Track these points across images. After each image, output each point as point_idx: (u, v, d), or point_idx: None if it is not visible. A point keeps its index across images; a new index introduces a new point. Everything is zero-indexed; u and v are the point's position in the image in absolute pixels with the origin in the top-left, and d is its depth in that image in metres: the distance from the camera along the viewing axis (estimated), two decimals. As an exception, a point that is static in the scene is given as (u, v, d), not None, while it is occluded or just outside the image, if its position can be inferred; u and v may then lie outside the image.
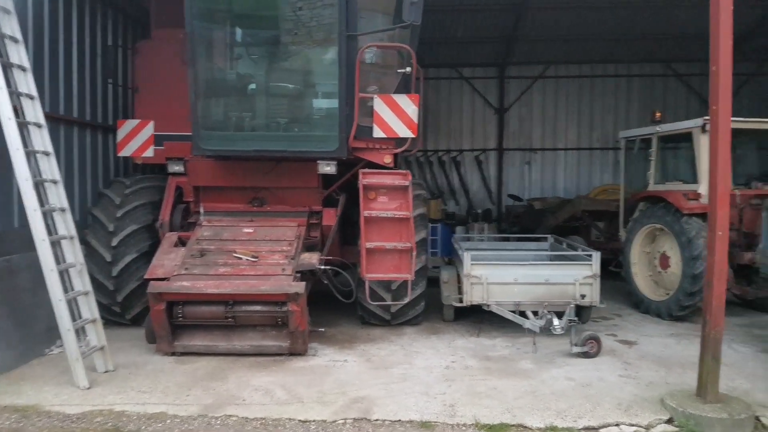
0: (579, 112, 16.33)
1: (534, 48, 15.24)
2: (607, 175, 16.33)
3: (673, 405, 4.80)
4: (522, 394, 5.29)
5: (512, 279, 6.88)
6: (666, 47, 15.30)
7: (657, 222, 8.30)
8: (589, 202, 11.12)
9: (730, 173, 4.79)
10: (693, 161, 8.26)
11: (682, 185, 8.38)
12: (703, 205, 7.81)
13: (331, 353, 6.54)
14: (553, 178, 16.44)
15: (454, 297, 7.50)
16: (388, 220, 6.58)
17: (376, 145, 6.81)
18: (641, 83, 16.26)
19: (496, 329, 7.45)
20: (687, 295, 7.70)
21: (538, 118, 16.37)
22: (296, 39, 6.44)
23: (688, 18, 13.78)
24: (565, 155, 16.42)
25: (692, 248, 7.62)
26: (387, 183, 6.60)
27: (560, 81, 16.27)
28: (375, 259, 6.56)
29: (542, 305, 6.80)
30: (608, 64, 16.11)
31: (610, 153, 16.39)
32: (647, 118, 16.10)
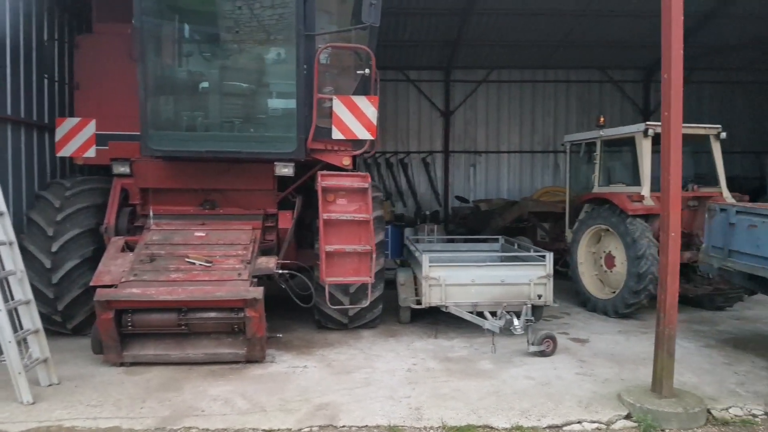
0: (521, 116, 16.78)
1: (478, 52, 15.53)
2: (548, 178, 16.85)
3: (631, 401, 4.97)
4: (485, 394, 5.34)
5: (470, 280, 6.95)
6: (602, 54, 15.94)
7: (603, 223, 8.60)
8: (535, 203, 11.42)
9: (681, 176, 4.99)
10: (635, 165, 8.61)
11: (625, 188, 8.72)
12: (646, 206, 8.17)
13: (290, 359, 6.39)
14: (497, 180, 16.80)
15: (411, 299, 7.50)
16: (347, 222, 6.51)
17: (335, 147, 6.72)
18: (579, 89, 16.87)
19: (453, 330, 7.51)
20: (632, 293, 8.01)
21: (482, 122, 16.69)
22: (253, 37, 6.27)
23: (623, 27, 14.42)
24: (508, 158, 16.82)
25: (637, 248, 7.93)
26: (346, 185, 6.52)
27: (503, 85, 16.65)
28: (334, 263, 6.46)
29: (499, 305, 6.91)
30: (548, 69, 16.63)
31: (551, 156, 16.94)
32: (585, 122, 16.79)
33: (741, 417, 4.87)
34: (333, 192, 6.51)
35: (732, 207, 6.14)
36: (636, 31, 14.56)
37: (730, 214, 6.09)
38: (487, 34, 14.62)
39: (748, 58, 15.78)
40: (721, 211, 6.27)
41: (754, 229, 5.77)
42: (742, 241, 5.94)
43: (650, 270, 7.89)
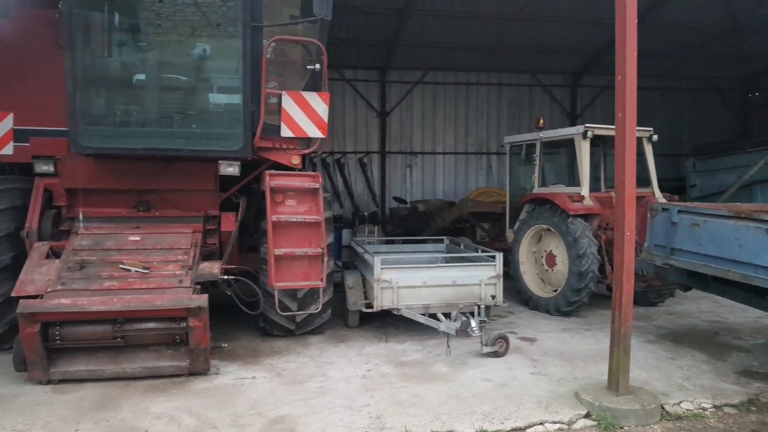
0: (456, 118, 16.97)
1: (414, 53, 15.55)
2: (481, 179, 17.14)
3: (589, 399, 5.01)
4: (445, 399, 5.23)
5: (421, 282, 6.84)
6: (533, 59, 16.40)
7: (544, 223, 8.75)
8: (475, 204, 11.53)
9: (635, 177, 5.08)
10: (574, 166, 8.83)
11: (564, 188, 8.92)
12: (586, 206, 8.38)
13: (236, 370, 6.04)
14: (433, 181, 16.91)
15: (361, 302, 7.31)
16: (297, 224, 6.22)
17: (283, 145, 6.42)
18: (511, 92, 17.28)
19: (403, 333, 7.38)
20: (574, 291, 8.19)
21: (418, 123, 16.74)
22: (195, 26, 5.86)
23: (552, 33, 14.88)
24: (443, 159, 16.97)
25: (578, 247, 8.12)
26: (296, 185, 6.23)
27: (438, 87, 16.78)
28: (283, 267, 6.16)
29: (450, 307, 6.85)
30: (482, 72, 16.92)
31: (484, 157, 17.25)
32: (516, 124, 17.21)
33: (692, 411, 5.02)
34: (282, 192, 6.21)
35: (674, 207, 6.37)
36: (564, 37, 15.08)
37: (673, 214, 6.31)
38: (424, 36, 14.67)
39: (667, 66, 16.71)
40: (663, 211, 6.49)
41: (696, 227, 5.99)
42: (684, 239, 6.16)
43: (591, 268, 8.10)
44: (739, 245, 5.46)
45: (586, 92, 17.60)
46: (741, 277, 5.47)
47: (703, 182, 13.88)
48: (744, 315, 8.42)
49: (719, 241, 5.71)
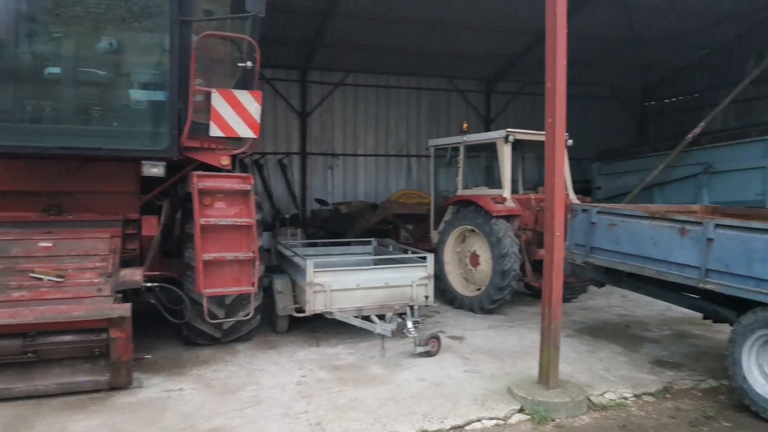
0: (377, 120, 17.08)
1: (336, 55, 15.49)
2: (402, 181, 17.36)
3: (522, 394, 5.19)
4: (384, 401, 5.23)
5: (354, 284, 6.81)
6: (450, 65, 16.82)
7: (468, 224, 8.98)
8: (399, 206, 11.64)
9: (563, 180, 5.32)
10: (497, 168, 9.13)
11: (487, 190, 9.20)
12: (508, 208, 8.69)
13: (161, 382, 5.72)
14: (354, 183, 16.91)
15: (291, 307, 7.16)
16: (227, 228, 6.00)
17: (212, 145, 6.16)
18: (429, 96, 17.62)
19: (334, 336, 7.31)
20: (497, 289, 8.46)
21: (339, 124, 16.70)
22: (119, 17, 5.48)
23: (468, 40, 15.33)
24: (365, 161, 17.02)
25: (501, 247, 8.39)
26: (226, 187, 6.00)
27: (359, 89, 16.82)
28: (212, 272, 5.92)
29: (383, 308, 6.87)
30: (402, 76, 17.14)
31: (405, 160, 17.48)
32: (435, 128, 17.57)
33: (615, 401, 5.32)
34: (210, 195, 5.96)
35: (593, 208, 6.73)
36: (480, 44, 15.58)
37: (592, 214, 6.67)
38: (345, 38, 14.65)
39: (574, 74, 17.65)
40: (583, 212, 6.84)
41: (614, 227, 6.37)
42: (602, 238, 6.53)
43: (513, 267, 8.41)
44: (654, 243, 5.86)
45: (500, 98, 18.27)
46: (655, 273, 5.88)
47: (607, 184, 14.81)
48: (649, 308, 9.05)
49: (635, 240, 6.10)
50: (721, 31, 16.05)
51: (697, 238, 5.41)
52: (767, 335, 4.84)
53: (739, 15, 14.80)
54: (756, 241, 4.83)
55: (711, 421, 4.90)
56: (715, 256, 5.21)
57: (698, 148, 11.87)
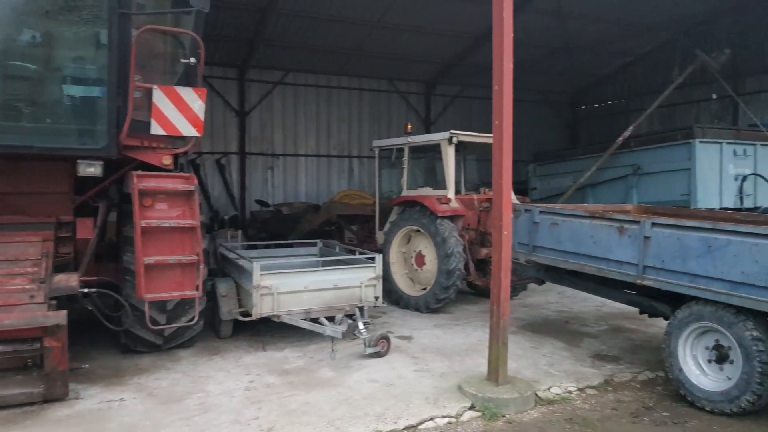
0: (318, 120, 16.96)
1: (275, 53, 15.27)
2: (344, 182, 17.30)
3: (472, 392, 5.27)
4: (336, 404, 5.18)
5: (303, 286, 6.70)
6: (390, 66, 16.94)
7: (414, 224, 9.05)
8: (343, 206, 11.58)
9: (511, 180, 5.44)
10: (441, 169, 9.25)
11: (432, 191, 9.31)
12: (452, 208, 8.82)
13: (99, 393, 5.44)
14: (295, 184, 16.72)
15: (236, 311, 6.98)
16: (169, 230, 5.76)
17: (153, 144, 5.90)
18: (370, 97, 17.67)
19: (280, 340, 7.18)
20: (443, 288, 8.57)
21: (279, 124, 16.46)
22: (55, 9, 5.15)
23: (408, 42, 15.49)
24: (306, 161, 16.86)
25: (446, 246, 8.51)
26: (168, 188, 5.76)
27: (299, 89, 16.64)
28: (154, 276, 5.67)
29: (332, 310, 6.81)
30: (342, 76, 17.09)
31: (346, 160, 17.43)
32: (376, 129, 17.65)
33: (561, 395, 5.49)
34: (151, 195, 5.71)
35: (536, 208, 6.93)
36: (419, 46, 15.75)
37: (535, 214, 6.86)
38: (286, 36, 14.46)
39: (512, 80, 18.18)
40: (526, 212, 7.03)
41: (556, 227, 6.58)
42: (545, 237, 6.73)
43: (458, 266, 8.54)
44: (594, 242, 6.10)
45: (439, 101, 18.55)
46: (596, 271, 6.11)
47: (542, 185, 15.30)
48: (585, 305, 9.42)
49: (577, 239, 6.32)
50: (646, 40, 16.95)
51: (634, 237, 5.67)
52: (701, 328, 5.12)
53: (661, 25, 15.67)
54: (690, 238, 5.11)
55: (651, 411, 5.14)
56: (652, 253, 5.48)
57: (627, 150, 12.45)
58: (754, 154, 11.59)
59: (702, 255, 5.02)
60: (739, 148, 11.43)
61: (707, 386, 5.04)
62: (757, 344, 4.64)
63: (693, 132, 11.09)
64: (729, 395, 4.82)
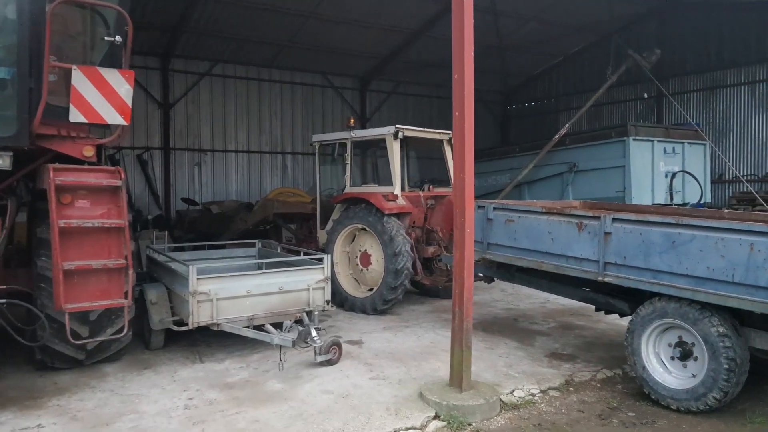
0: (248, 115, 16.20)
1: (202, 42, 14.43)
2: (276, 179, 16.63)
3: (435, 399, 4.94)
4: (290, 420, 4.71)
5: (245, 291, 6.15)
6: (324, 60, 16.44)
7: (359, 222, 8.65)
8: (281, 204, 10.98)
9: (473, 174, 5.16)
10: (387, 165, 8.90)
11: (377, 187, 8.94)
12: (399, 205, 8.50)
13: (12, 419, 4.70)
14: (224, 181, 15.90)
15: (168, 320, 6.32)
16: (92, 231, 5.07)
17: (72, 133, 5.17)
18: (304, 92, 17.08)
19: (219, 350, 6.59)
20: (390, 289, 8.23)
21: (206, 118, 15.59)
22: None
23: (343, 35, 15.07)
24: (236, 157, 16.06)
25: (394, 245, 8.17)
26: (91, 182, 5.06)
27: (228, 81, 15.83)
28: (75, 284, 4.97)
29: (277, 316, 6.30)
30: (274, 69, 16.42)
31: (278, 157, 16.77)
32: (309, 125, 17.09)
33: (524, 398, 5.27)
34: (71, 192, 4.99)
35: (489, 204, 6.71)
36: (354, 40, 15.37)
37: (488, 211, 6.64)
38: (214, 24, 13.69)
39: (442, 77, 18.14)
40: (480, 208, 6.79)
41: (511, 223, 6.38)
42: (499, 234, 6.52)
43: (406, 266, 8.23)
44: (552, 239, 5.93)
45: (375, 97, 18.23)
46: (554, 268, 5.96)
47: (478, 183, 15.22)
48: (530, 302, 9.37)
49: (533, 236, 6.14)
50: (575, 41, 17.37)
51: (594, 233, 5.54)
52: (664, 325, 5.05)
53: (590, 26, 16.08)
54: (653, 234, 5.02)
55: (616, 412, 5.01)
56: (613, 249, 5.36)
57: (564, 148, 12.62)
58: (683, 152, 12.04)
59: (666, 251, 4.93)
60: (669, 146, 11.83)
61: (672, 384, 4.97)
62: (724, 340, 4.59)
63: (627, 130, 11.36)
64: (695, 393, 4.76)
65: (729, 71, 14.52)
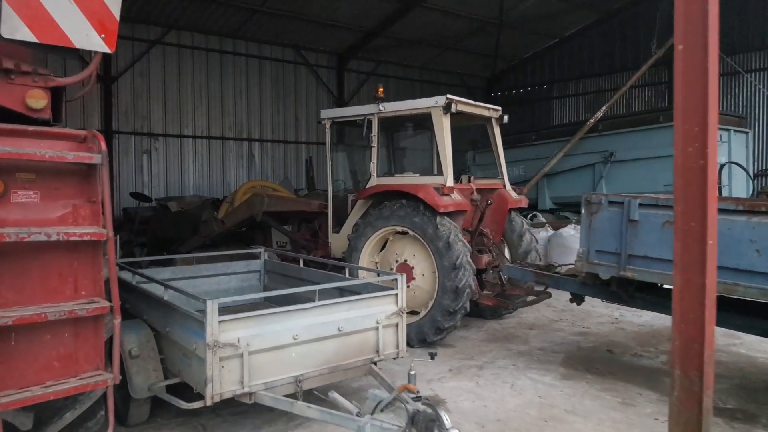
0: (209, 93, 13.59)
1: (152, 4, 11.70)
2: (242, 170, 14.12)
3: None
4: None
5: (291, 338, 3.86)
6: (298, 31, 14.07)
7: (399, 223, 6.49)
8: (274, 201, 8.57)
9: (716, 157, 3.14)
10: (431, 149, 6.81)
11: (420, 178, 6.81)
12: (456, 201, 6.41)
13: None
14: (180, 172, 13.23)
15: (161, 384, 3.94)
16: (45, 248, 2.69)
17: (6, 64, 2.73)
18: (274, 68, 14.62)
19: (235, 425, 4.27)
20: (447, 314, 6.14)
21: (158, 95, 12.87)
22: None
23: (324, 4, 12.76)
24: (194, 144, 13.41)
25: (452, 254, 6.10)
26: (43, 158, 2.66)
27: (185, 52, 13.16)
28: (11, 353, 2.58)
29: (336, 374, 4.06)
30: (239, 40, 13.87)
31: (244, 144, 14.23)
32: (281, 107, 14.63)
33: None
34: (3, 175, 2.60)
35: (632, 199, 4.71)
36: (335, 8, 13.07)
37: (632, 209, 4.65)
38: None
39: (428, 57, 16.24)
40: (612, 205, 4.81)
41: (676, 227, 4.40)
42: (652, 243, 4.54)
43: (469, 282, 6.18)
44: (758, 249, 4.02)
45: (353, 78, 15.99)
46: (761, 294, 4.04)
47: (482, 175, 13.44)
48: (596, 320, 7.52)
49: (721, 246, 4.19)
50: (575, 19, 15.84)
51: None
52: None
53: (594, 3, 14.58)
54: None
55: None
56: None
57: (596, 135, 10.92)
58: (729, 141, 10.59)
59: None
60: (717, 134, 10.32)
61: None
62: None
63: (679, 113, 9.73)
64: None
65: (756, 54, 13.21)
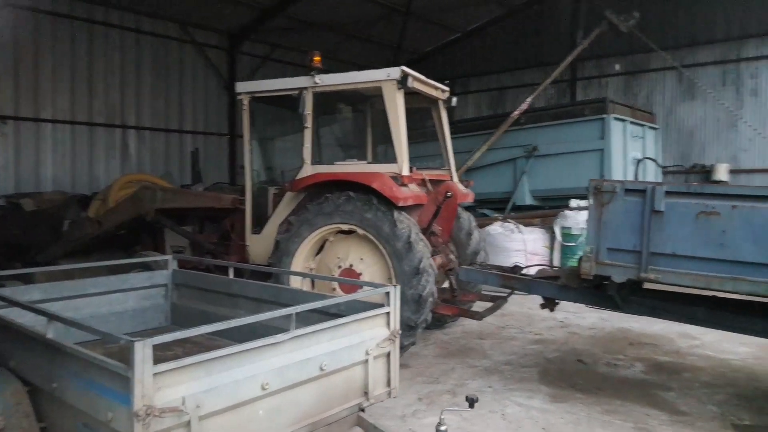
0: (73, 70, 11.38)
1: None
2: (114, 162, 12.00)
3: None
4: None
5: (258, 387, 2.55)
6: (185, 6, 12.25)
7: (346, 221, 5.31)
8: (172, 196, 6.89)
9: None
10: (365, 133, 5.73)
11: (365, 165, 5.69)
12: (415, 194, 5.38)
13: None
14: (36, 164, 10.93)
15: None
16: None
17: None
18: (154, 44, 12.64)
19: None
20: (407, 329, 5.05)
21: (7, 69, 10.47)
22: None
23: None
24: (53, 129, 11.09)
25: (413, 257, 5.07)
26: None
27: (44, 18, 10.85)
28: None
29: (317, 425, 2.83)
30: (112, 9, 11.79)
31: (117, 132, 12.11)
32: (163, 88, 12.67)
33: None
34: None
35: (656, 187, 3.94)
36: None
37: (656, 198, 3.88)
38: None
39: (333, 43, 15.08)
40: (629, 194, 4.03)
41: (714, 219, 3.70)
42: (684, 238, 3.81)
43: (432, 290, 5.17)
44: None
45: (246, 61, 14.37)
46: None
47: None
48: (545, 324, 6.87)
49: (766, 238, 3.54)
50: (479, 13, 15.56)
51: None
52: None
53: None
54: None
55: None
56: None
57: (518, 128, 10.42)
58: (644, 137, 10.61)
59: None
60: (636, 129, 10.29)
61: None
62: None
63: (606, 107, 9.50)
64: None
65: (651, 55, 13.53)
